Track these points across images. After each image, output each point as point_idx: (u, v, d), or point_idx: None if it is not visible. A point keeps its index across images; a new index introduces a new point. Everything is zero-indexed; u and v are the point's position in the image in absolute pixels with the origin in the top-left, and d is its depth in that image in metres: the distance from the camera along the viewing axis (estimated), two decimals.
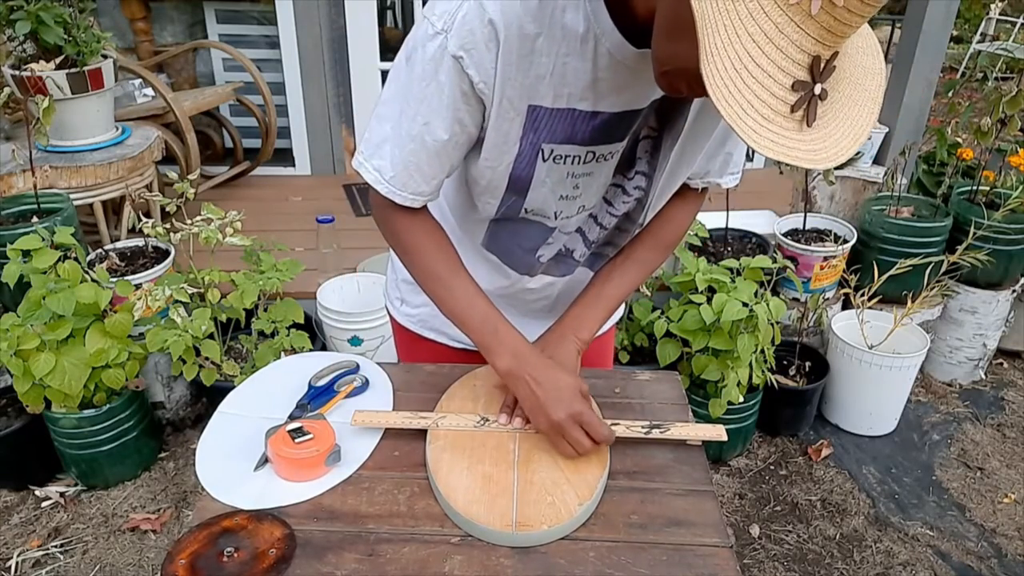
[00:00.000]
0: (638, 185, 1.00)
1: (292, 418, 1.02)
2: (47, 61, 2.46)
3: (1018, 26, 6.26)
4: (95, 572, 2.01)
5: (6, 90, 2.23)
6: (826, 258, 2.53)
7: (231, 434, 1.02)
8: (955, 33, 6.87)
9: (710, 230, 2.57)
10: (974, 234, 2.49)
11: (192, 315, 2.10)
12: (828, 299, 2.63)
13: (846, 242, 2.58)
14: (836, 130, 0.67)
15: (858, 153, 2.47)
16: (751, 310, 2.05)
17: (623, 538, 0.87)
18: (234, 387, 1.12)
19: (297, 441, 0.94)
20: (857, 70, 0.70)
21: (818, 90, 0.64)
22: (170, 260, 2.41)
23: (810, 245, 2.56)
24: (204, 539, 0.85)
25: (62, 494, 2.25)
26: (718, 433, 1.01)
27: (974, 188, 2.67)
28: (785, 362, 2.55)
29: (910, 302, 2.42)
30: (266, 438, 0.96)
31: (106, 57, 2.61)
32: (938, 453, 2.51)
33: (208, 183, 3.37)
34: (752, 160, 3.66)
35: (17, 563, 2.03)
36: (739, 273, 2.20)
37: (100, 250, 2.46)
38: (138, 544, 2.10)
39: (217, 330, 2.20)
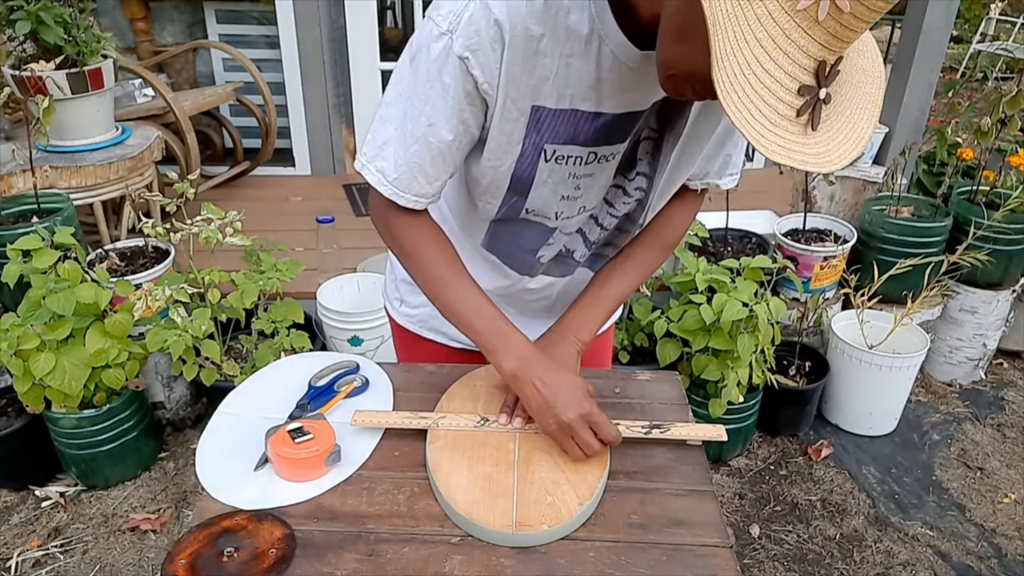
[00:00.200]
0: (639, 186, 1.00)
1: (292, 418, 1.02)
2: (47, 61, 2.46)
3: (1018, 26, 6.26)
4: (95, 572, 2.01)
5: (6, 90, 2.23)
6: (826, 258, 2.53)
7: (231, 434, 1.02)
8: (955, 33, 6.87)
9: (710, 230, 2.57)
10: (974, 234, 2.48)
11: (192, 315, 2.10)
12: (828, 299, 2.63)
13: (846, 242, 2.58)
14: (839, 133, 0.67)
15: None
16: (751, 310, 2.05)
17: (623, 538, 0.87)
18: (234, 387, 1.12)
19: (297, 441, 0.94)
20: (857, 73, 0.70)
21: (823, 94, 0.64)
22: (170, 260, 2.41)
23: (810, 245, 2.56)
24: (204, 539, 0.85)
25: (62, 494, 2.25)
26: (718, 433, 1.01)
27: (974, 188, 2.67)
28: (785, 362, 2.55)
29: (910, 302, 2.42)
30: (266, 438, 0.96)
31: (106, 57, 2.61)
32: (938, 453, 2.51)
33: (208, 183, 3.36)
34: (752, 160, 3.66)
35: (17, 563, 2.03)
36: (739, 273, 2.20)
37: (100, 250, 2.46)
38: (138, 544, 2.10)
39: (217, 330, 2.20)
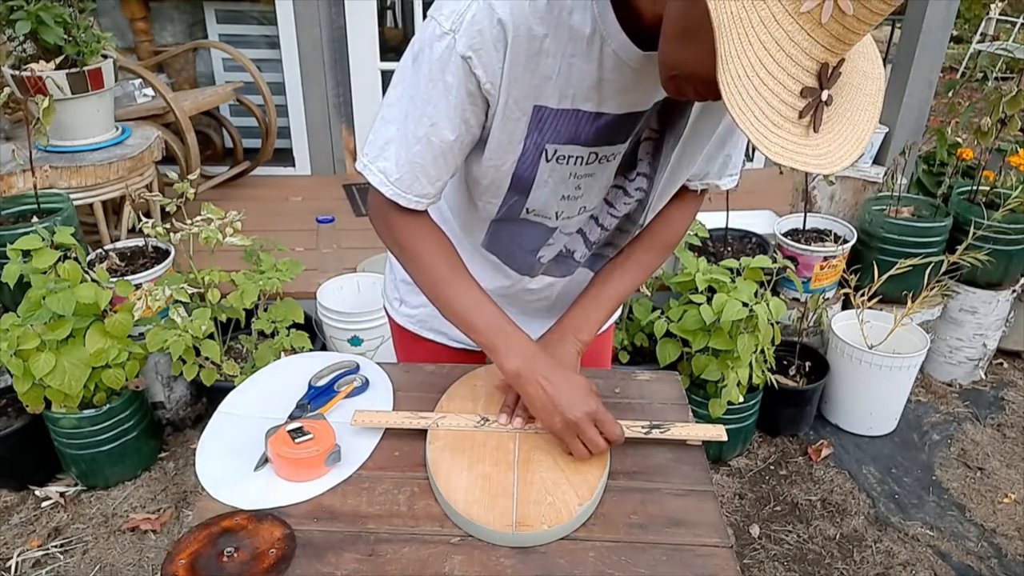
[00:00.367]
0: (639, 186, 1.00)
1: (292, 418, 1.02)
2: (47, 61, 2.46)
3: (1018, 26, 6.26)
4: (95, 572, 2.01)
5: (6, 90, 2.23)
6: (826, 258, 2.53)
7: (231, 434, 1.02)
8: (955, 33, 6.88)
9: (710, 230, 2.57)
10: (974, 234, 2.48)
11: (192, 315, 2.10)
12: (828, 299, 2.63)
13: (846, 242, 2.58)
14: (840, 135, 0.68)
15: None
16: (751, 310, 2.05)
17: (623, 538, 0.87)
18: (234, 387, 1.12)
19: (297, 441, 0.94)
20: (857, 75, 0.70)
21: (825, 96, 0.64)
22: (170, 260, 2.41)
23: (810, 245, 2.56)
24: (204, 539, 0.85)
25: (62, 494, 2.25)
26: (718, 433, 1.01)
27: (974, 188, 2.67)
28: (785, 362, 2.55)
29: (910, 302, 2.42)
30: (266, 438, 0.96)
31: (106, 57, 2.61)
32: (938, 453, 2.51)
33: (208, 183, 3.36)
34: (752, 160, 3.66)
35: (17, 563, 2.03)
36: (739, 273, 2.20)
37: (100, 250, 2.46)
38: (138, 544, 2.10)
39: (217, 330, 2.20)
